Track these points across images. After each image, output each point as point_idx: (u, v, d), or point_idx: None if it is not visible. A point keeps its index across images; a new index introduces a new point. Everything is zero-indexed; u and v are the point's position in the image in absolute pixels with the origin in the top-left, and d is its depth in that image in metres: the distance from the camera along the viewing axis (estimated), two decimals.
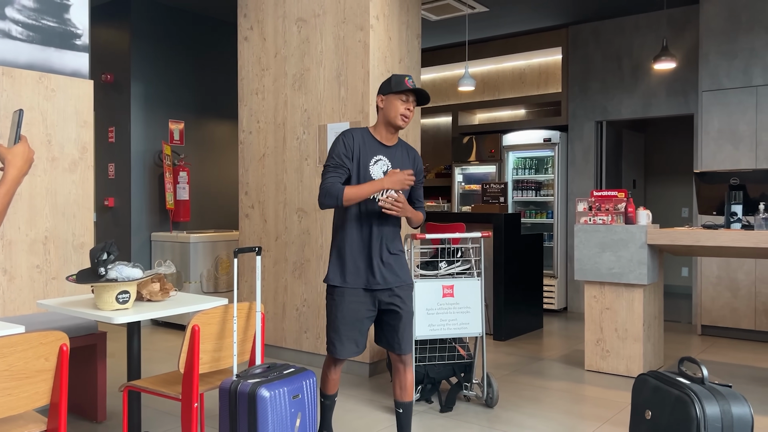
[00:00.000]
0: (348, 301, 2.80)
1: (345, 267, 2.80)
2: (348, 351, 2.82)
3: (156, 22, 6.33)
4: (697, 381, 2.24)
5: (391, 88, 2.77)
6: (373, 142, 2.82)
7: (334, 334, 2.82)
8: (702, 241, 4.07)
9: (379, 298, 2.82)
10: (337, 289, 2.82)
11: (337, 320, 2.81)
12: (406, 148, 2.92)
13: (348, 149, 2.76)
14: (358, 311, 2.81)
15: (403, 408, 2.90)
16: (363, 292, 2.81)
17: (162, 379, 2.83)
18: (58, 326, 3.29)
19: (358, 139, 2.79)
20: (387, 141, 2.84)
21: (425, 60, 8.11)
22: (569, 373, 4.54)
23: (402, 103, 2.76)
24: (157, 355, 5.03)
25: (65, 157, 3.79)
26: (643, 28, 6.62)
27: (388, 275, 2.81)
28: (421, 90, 2.78)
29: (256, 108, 4.99)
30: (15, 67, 3.57)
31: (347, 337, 2.81)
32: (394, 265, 2.84)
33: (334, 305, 2.83)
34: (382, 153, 2.82)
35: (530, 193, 7.33)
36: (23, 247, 3.60)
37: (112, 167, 6.31)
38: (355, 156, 2.77)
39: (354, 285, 2.79)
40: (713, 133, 5.81)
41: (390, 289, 2.82)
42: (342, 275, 2.80)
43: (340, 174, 2.75)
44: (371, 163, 2.79)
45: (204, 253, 5.98)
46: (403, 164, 2.86)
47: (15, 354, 2.05)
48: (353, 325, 2.81)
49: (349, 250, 2.80)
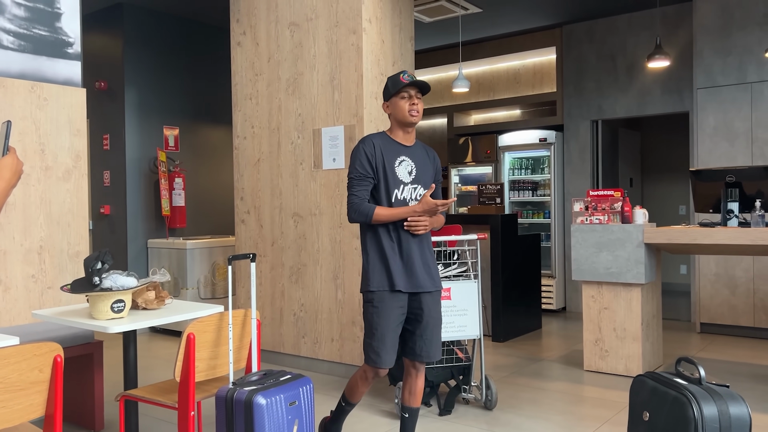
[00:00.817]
0: (391, 306, 2.71)
1: (391, 270, 2.70)
2: (391, 359, 2.72)
3: (149, 28, 6.32)
4: (695, 381, 2.24)
5: (390, 91, 2.77)
6: (393, 144, 2.81)
7: (378, 343, 2.69)
8: (699, 240, 4.07)
9: (412, 303, 2.76)
10: (379, 294, 2.71)
11: (380, 326, 2.69)
12: (424, 149, 2.92)
13: (370, 156, 2.74)
14: (399, 316, 2.73)
15: (409, 413, 2.86)
16: (404, 295, 2.73)
17: (158, 387, 2.82)
18: (54, 336, 3.28)
19: (378, 144, 2.77)
20: (406, 141, 2.83)
21: (419, 62, 8.11)
22: (568, 373, 4.54)
23: (406, 100, 2.75)
24: (155, 362, 5.01)
25: (59, 166, 3.77)
26: (636, 27, 6.63)
27: (426, 278, 2.76)
28: (419, 81, 2.75)
29: (251, 113, 4.98)
30: (7, 76, 3.56)
31: (392, 345, 2.70)
32: (432, 267, 2.81)
33: (376, 312, 2.71)
34: (404, 154, 2.81)
35: (527, 193, 7.33)
36: (18, 257, 3.58)
37: (108, 175, 6.30)
38: (378, 161, 2.74)
39: (401, 287, 2.71)
40: (709, 131, 5.81)
41: (426, 293, 2.76)
42: (389, 278, 2.71)
43: (366, 186, 2.74)
44: (396, 165, 2.77)
45: (201, 259, 5.96)
46: (424, 163, 2.85)
47: (9, 366, 2.03)
48: (395, 330, 2.72)
49: (392, 252, 2.73)
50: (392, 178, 2.75)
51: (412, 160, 2.81)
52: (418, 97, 2.76)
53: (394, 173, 2.75)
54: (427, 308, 2.76)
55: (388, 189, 2.74)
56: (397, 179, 2.75)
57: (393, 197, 2.75)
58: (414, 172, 2.80)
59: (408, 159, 2.80)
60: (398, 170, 2.77)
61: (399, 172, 2.77)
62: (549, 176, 7.13)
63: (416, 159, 2.83)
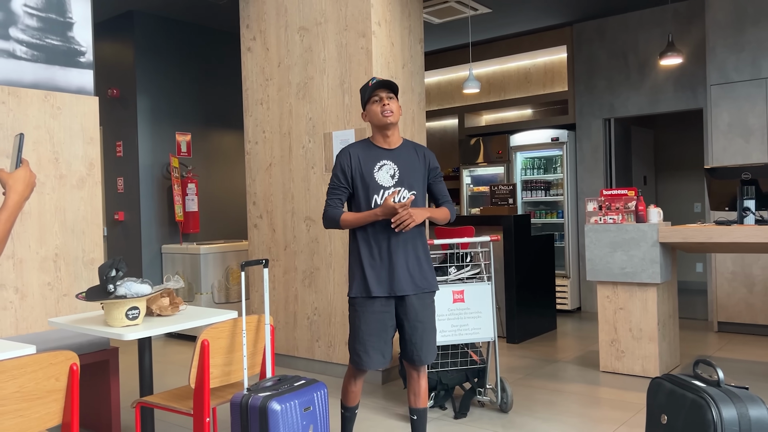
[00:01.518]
0: (371, 311, 2.75)
1: (366, 276, 2.75)
2: (375, 362, 2.77)
3: (159, 35, 6.36)
4: (713, 384, 2.21)
5: (364, 100, 2.84)
6: (374, 149, 2.84)
7: (359, 345, 2.77)
8: (715, 238, 4.02)
9: (399, 306, 2.79)
10: (359, 300, 2.78)
11: (362, 331, 2.76)
12: (413, 147, 2.91)
13: (346, 167, 2.81)
14: (384, 320, 2.76)
15: (417, 415, 2.88)
16: (386, 300, 2.77)
17: (174, 394, 2.83)
18: (70, 343, 3.30)
19: (355, 153, 2.82)
20: (388, 145, 2.85)
21: (429, 63, 8.09)
22: (584, 374, 4.50)
23: (377, 104, 2.78)
24: (170, 368, 5.04)
25: (73, 174, 3.80)
26: (647, 24, 6.57)
27: (407, 282, 2.76)
28: (384, 81, 2.78)
29: (262, 118, 4.99)
30: (20, 86, 3.60)
31: (373, 348, 2.76)
32: (417, 270, 2.80)
33: (357, 316, 2.78)
34: (386, 157, 2.82)
35: (540, 193, 7.29)
36: (34, 265, 3.62)
37: (121, 181, 6.34)
38: (355, 170, 2.80)
39: (377, 293, 2.74)
40: (723, 128, 5.75)
41: (408, 297, 2.77)
42: (364, 285, 2.76)
43: (339, 195, 2.82)
44: (375, 170, 2.79)
45: (214, 264, 5.99)
46: (411, 163, 2.85)
47: (25, 375, 2.05)
48: (379, 335, 2.76)
49: (370, 258, 2.77)
50: (371, 183, 2.79)
51: (395, 163, 2.83)
52: (389, 97, 2.79)
53: (373, 179, 2.79)
54: (413, 312, 2.78)
55: (367, 195, 2.79)
56: (376, 184, 2.79)
57: (372, 202, 2.78)
58: (397, 174, 2.81)
59: (390, 162, 2.82)
60: (378, 175, 2.80)
61: (379, 176, 2.80)
62: (562, 176, 7.09)
63: (400, 161, 2.83)
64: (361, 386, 2.91)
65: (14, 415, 2.03)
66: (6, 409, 2.01)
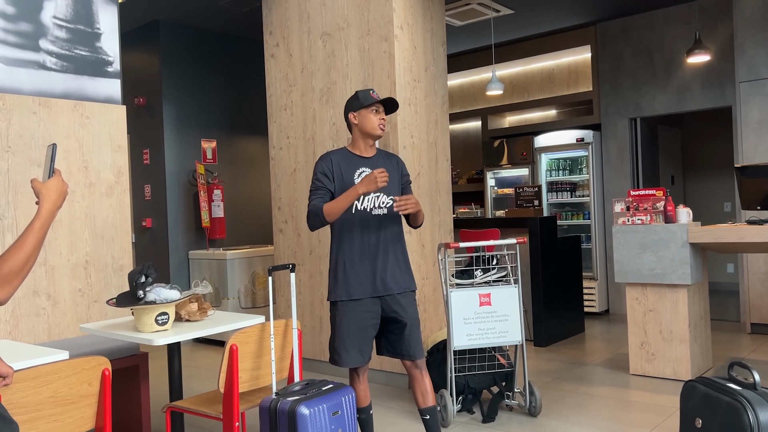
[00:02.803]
0: (352, 311, 2.82)
1: (347, 279, 2.82)
2: (353, 360, 2.83)
3: (184, 44, 6.45)
4: (749, 386, 2.16)
5: (361, 103, 2.89)
6: (352, 157, 2.93)
7: (338, 343, 2.84)
8: (747, 238, 3.94)
9: (383, 306, 2.85)
10: (340, 303, 2.84)
11: (342, 330, 2.83)
12: (386, 156, 3.01)
13: (327, 170, 2.86)
14: (363, 320, 2.83)
15: (428, 414, 2.93)
16: (369, 300, 2.83)
17: (203, 398, 2.86)
18: (101, 349, 3.35)
19: (336, 159, 2.89)
20: (366, 153, 2.95)
21: (451, 66, 8.08)
22: (614, 377, 4.44)
23: (374, 114, 2.88)
24: (199, 372, 5.09)
25: (102, 182, 3.87)
26: (673, 21, 6.48)
27: (392, 282, 2.85)
28: (389, 99, 2.91)
29: (286, 124, 5.02)
30: (50, 96, 3.67)
31: (352, 346, 2.82)
32: (398, 270, 2.88)
33: (338, 317, 2.85)
34: (364, 165, 2.91)
35: (565, 194, 7.22)
36: (65, 271, 3.68)
37: (148, 188, 6.43)
38: (336, 175, 2.86)
39: (358, 295, 2.81)
40: (753, 125, 5.63)
41: (393, 296, 2.84)
42: (345, 288, 2.82)
43: (322, 195, 2.84)
44: (355, 177, 2.87)
45: (241, 269, 6.03)
46: (387, 171, 2.88)
47: (59, 380, 2.08)
48: (358, 334, 2.83)
49: (350, 261, 2.84)
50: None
51: (373, 170, 2.87)
52: (383, 113, 2.92)
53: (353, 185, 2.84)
54: (401, 309, 2.85)
55: None
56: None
57: (353, 208, 2.85)
58: None
59: (368, 170, 2.90)
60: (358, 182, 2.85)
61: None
62: (587, 177, 7.01)
63: (377, 167, 2.90)
64: (366, 386, 2.96)
65: (49, 420, 2.06)
66: (41, 413, 2.04)
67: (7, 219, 3.44)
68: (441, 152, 4.75)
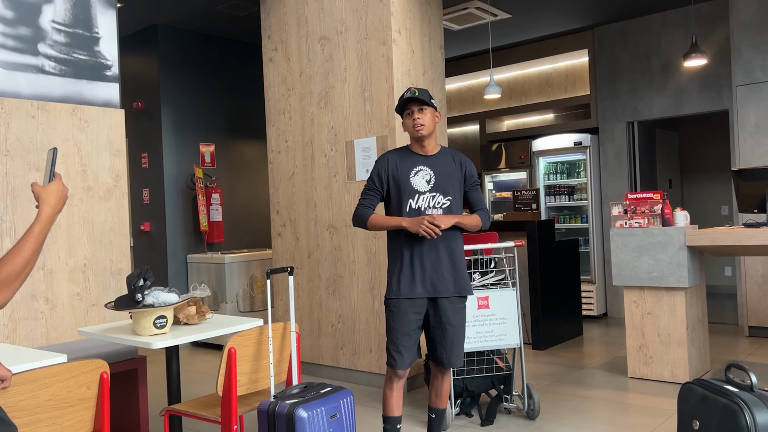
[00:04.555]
0: (404, 312, 2.79)
1: (402, 277, 2.81)
2: (407, 362, 2.80)
3: (183, 48, 6.46)
4: (746, 388, 2.17)
5: (398, 110, 2.93)
6: (411, 155, 2.92)
7: (392, 345, 2.81)
8: (744, 241, 3.95)
9: (429, 309, 2.83)
10: (393, 301, 2.82)
11: (395, 331, 2.80)
12: (451, 155, 2.97)
13: (382, 172, 2.89)
14: (414, 321, 2.80)
15: (437, 414, 2.97)
16: (418, 301, 2.80)
17: (201, 402, 2.86)
18: (99, 352, 3.35)
19: (393, 159, 2.91)
20: (425, 152, 2.92)
21: (449, 70, 8.10)
22: (612, 381, 4.44)
23: (409, 116, 2.88)
24: (197, 376, 5.08)
25: (100, 186, 3.87)
26: (670, 26, 6.51)
27: (440, 285, 2.81)
28: (412, 97, 2.84)
29: (284, 127, 5.03)
30: (49, 100, 3.68)
31: (405, 348, 2.79)
32: (449, 273, 2.83)
33: (391, 316, 2.83)
34: (423, 163, 2.89)
35: (563, 198, 7.23)
36: (63, 275, 3.68)
37: (147, 192, 6.43)
38: (391, 175, 2.88)
39: (412, 294, 2.79)
40: (750, 129, 5.66)
41: (440, 300, 2.81)
42: (398, 285, 2.81)
43: (372, 197, 2.90)
44: (411, 175, 2.86)
45: (239, 272, 6.03)
46: (447, 170, 2.90)
47: (58, 383, 2.08)
48: (410, 335, 2.80)
49: (407, 259, 2.82)
50: (406, 188, 2.85)
51: (432, 169, 2.89)
52: (420, 110, 2.86)
53: (408, 183, 2.86)
54: (445, 314, 2.82)
55: (400, 199, 2.85)
56: (411, 189, 2.85)
57: (407, 206, 2.84)
58: (433, 180, 2.87)
59: (426, 168, 2.88)
60: (414, 180, 2.86)
61: (415, 181, 2.86)
62: (585, 180, 7.03)
63: (437, 167, 2.89)
64: (400, 394, 2.87)
65: (47, 422, 2.06)
66: (39, 417, 2.04)
67: (6, 223, 3.44)
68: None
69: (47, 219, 1.58)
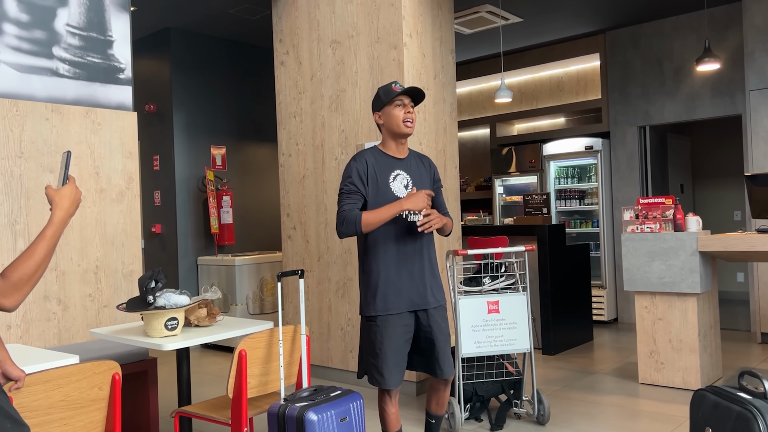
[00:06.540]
0: (393, 327, 2.66)
1: (386, 291, 2.67)
2: (397, 380, 2.68)
3: (195, 51, 6.50)
4: (759, 396, 2.15)
5: (383, 101, 2.72)
6: (386, 158, 2.75)
7: (381, 363, 2.65)
8: (758, 247, 3.92)
9: (418, 321, 2.72)
10: (380, 318, 2.67)
11: (384, 347, 2.64)
12: (419, 157, 2.86)
13: (362, 173, 2.69)
14: (403, 335, 2.69)
15: (436, 419, 2.97)
16: (406, 315, 2.70)
17: (211, 404, 2.87)
18: (110, 353, 3.37)
19: (370, 161, 2.71)
20: (399, 154, 2.78)
21: (460, 73, 8.09)
22: (623, 386, 4.41)
23: (400, 108, 2.69)
24: (207, 378, 5.10)
25: (112, 188, 3.90)
26: (683, 30, 6.47)
27: (430, 295, 2.73)
28: (413, 88, 2.70)
29: (295, 131, 5.05)
30: (63, 103, 3.71)
31: (395, 365, 2.67)
32: (433, 282, 2.76)
33: (379, 333, 2.66)
34: (398, 167, 2.75)
35: (574, 202, 7.21)
36: (76, 277, 3.71)
37: (158, 195, 6.47)
38: (370, 178, 2.69)
39: (397, 309, 2.67)
40: (763, 134, 5.61)
41: (429, 311, 2.73)
42: (383, 301, 2.67)
43: (354, 200, 2.67)
44: (390, 180, 2.72)
45: (249, 275, 6.05)
46: (420, 174, 2.80)
47: (70, 384, 2.10)
48: (400, 351, 2.69)
49: (386, 272, 2.67)
50: (385, 194, 2.68)
51: (407, 173, 2.76)
52: (411, 106, 2.72)
53: (388, 188, 2.70)
54: (436, 324, 2.72)
55: (379, 206, 2.65)
56: (392, 195, 2.69)
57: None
58: (410, 185, 2.75)
59: (403, 172, 2.75)
60: (393, 185, 2.71)
61: (394, 187, 2.71)
62: (596, 185, 7.00)
63: (411, 171, 2.77)
64: (397, 407, 2.78)
65: (60, 423, 2.08)
66: (52, 417, 2.06)
67: (20, 224, 3.47)
68: (449, 160, 4.75)
69: (60, 222, 1.58)
